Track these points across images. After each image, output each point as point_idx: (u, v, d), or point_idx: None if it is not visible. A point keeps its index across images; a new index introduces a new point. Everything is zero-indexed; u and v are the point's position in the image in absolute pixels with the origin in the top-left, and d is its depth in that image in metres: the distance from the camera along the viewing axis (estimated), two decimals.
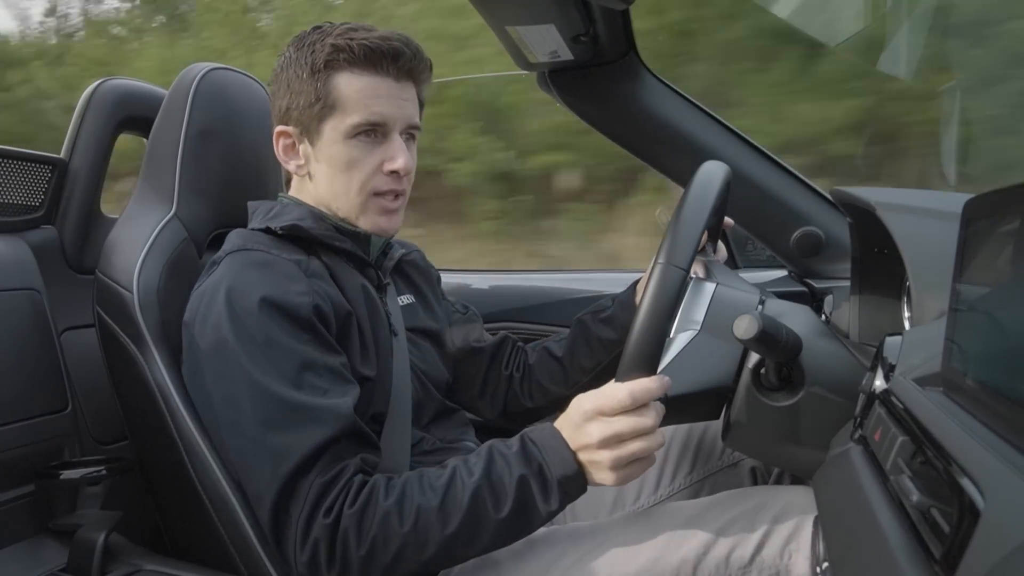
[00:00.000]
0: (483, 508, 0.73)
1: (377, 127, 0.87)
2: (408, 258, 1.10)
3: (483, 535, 0.74)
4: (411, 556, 0.74)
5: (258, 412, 0.77)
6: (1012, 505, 0.35)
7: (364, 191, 0.89)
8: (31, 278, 1.07)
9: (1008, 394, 0.42)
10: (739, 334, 0.66)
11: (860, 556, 0.49)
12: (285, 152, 0.93)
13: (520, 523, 0.75)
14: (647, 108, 1.28)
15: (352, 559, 0.73)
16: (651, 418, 0.71)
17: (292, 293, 0.81)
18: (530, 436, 0.76)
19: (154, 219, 0.96)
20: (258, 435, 0.77)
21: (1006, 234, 0.45)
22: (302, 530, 0.74)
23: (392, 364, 0.92)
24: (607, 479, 0.73)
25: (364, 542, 0.73)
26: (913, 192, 0.83)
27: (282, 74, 0.90)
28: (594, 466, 0.73)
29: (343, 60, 0.85)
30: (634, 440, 0.71)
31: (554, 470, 0.73)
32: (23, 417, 0.98)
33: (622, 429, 0.70)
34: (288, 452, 0.75)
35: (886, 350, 0.65)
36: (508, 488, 0.73)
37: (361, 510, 0.74)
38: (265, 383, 0.77)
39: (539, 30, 1.11)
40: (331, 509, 0.74)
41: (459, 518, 0.73)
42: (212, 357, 0.80)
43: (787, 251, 1.32)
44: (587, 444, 0.72)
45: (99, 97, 1.22)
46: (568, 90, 1.31)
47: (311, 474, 0.75)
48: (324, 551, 0.73)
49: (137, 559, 0.90)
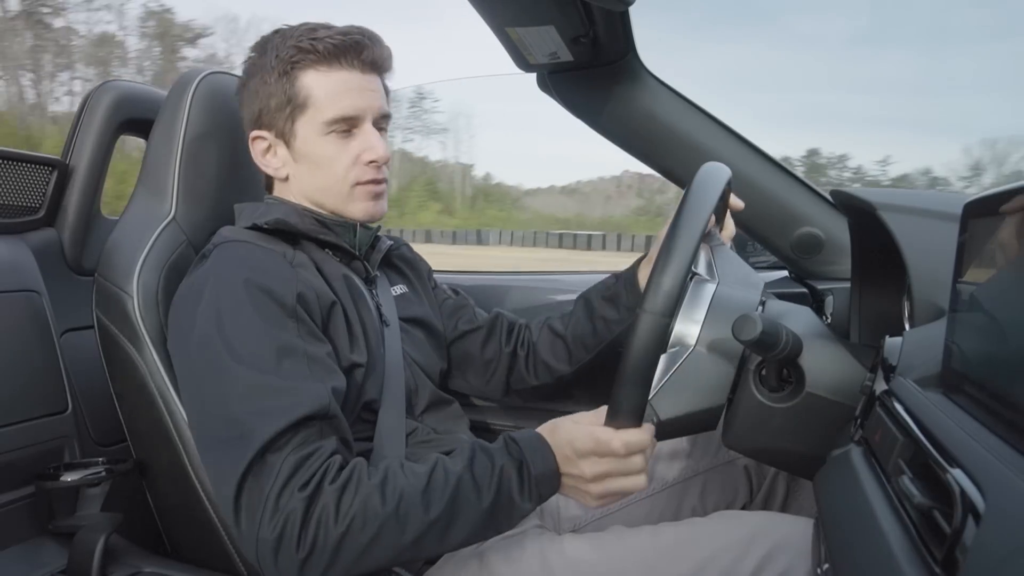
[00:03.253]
0: (465, 495, 0.73)
1: (350, 120, 0.90)
2: (397, 251, 1.12)
3: (462, 524, 0.74)
4: (388, 540, 0.72)
5: (234, 388, 0.75)
6: (1013, 507, 0.35)
7: (347, 182, 0.92)
8: (31, 280, 1.08)
9: (1009, 395, 0.42)
10: (740, 335, 0.66)
11: (860, 557, 0.49)
12: (262, 156, 0.94)
13: (499, 516, 0.75)
14: (647, 109, 1.28)
15: (328, 536, 0.70)
16: (640, 462, 0.74)
17: (277, 280, 0.81)
18: (512, 436, 0.78)
19: (153, 222, 0.96)
20: (231, 411, 0.75)
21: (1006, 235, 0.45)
22: (272, 503, 0.71)
23: (384, 352, 0.93)
24: (589, 503, 0.77)
25: (343, 519, 0.70)
26: (913, 193, 0.83)
27: (249, 81, 0.92)
28: (579, 493, 0.77)
29: (309, 60, 0.88)
30: (621, 478, 0.75)
31: (534, 468, 0.75)
32: (23, 418, 0.98)
33: (612, 469, 0.74)
34: (261, 426, 0.73)
35: (886, 351, 0.65)
36: (490, 478, 0.74)
37: (343, 487, 0.72)
38: (243, 366, 0.76)
39: (539, 31, 1.11)
40: (308, 483, 0.71)
41: (442, 504, 0.72)
42: (194, 340, 0.80)
43: (787, 252, 1.32)
44: (577, 476, 0.76)
45: (99, 99, 1.22)
46: (568, 91, 1.31)
47: (285, 449, 0.72)
48: (296, 525, 0.70)
49: (137, 561, 0.91)
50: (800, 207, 1.30)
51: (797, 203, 1.30)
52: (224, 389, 0.76)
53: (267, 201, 0.97)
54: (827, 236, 1.29)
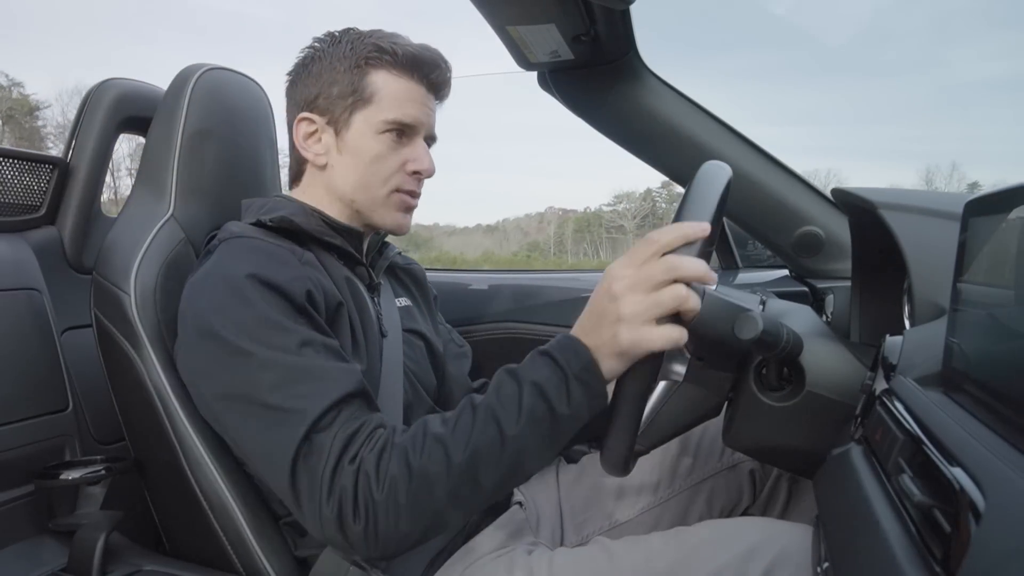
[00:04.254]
0: (498, 422, 0.69)
1: (406, 128, 0.91)
2: (408, 267, 1.11)
3: (500, 454, 0.69)
4: (439, 492, 0.68)
5: (267, 380, 0.73)
6: (1013, 505, 0.35)
7: (387, 185, 0.92)
8: (32, 278, 1.07)
9: (1009, 394, 0.42)
10: (741, 334, 0.66)
11: (860, 556, 0.49)
12: (304, 139, 0.93)
13: (541, 431, 0.69)
14: (648, 107, 1.28)
15: (377, 504, 0.69)
16: (683, 290, 0.65)
17: (285, 277, 0.80)
18: (538, 349, 0.72)
19: (151, 220, 0.96)
20: (272, 402, 0.73)
21: (1007, 234, 0.45)
22: (328, 482, 0.70)
23: (381, 363, 0.91)
24: (640, 337, 0.65)
25: (383, 482, 0.69)
26: (914, 192, 0.83)
27: (311, 65, 0.92)
28: (625, 325, 0.66)
29: (386, 60, 0.90)
30: (669, 287, 0.65)
31: (570, 366, 0.68)
32: (24, 417, 0.98)
33: (653, 272, 0.65)
34: (306, 409, 0.72)
35: (887, 350, 0.65)
36: (521, 395, 0.69)
37: (379, 451, 0.71)
38: (269, 355, 0.74)
39: (540, 30, 1.11)
40: (355, 456, 0.71)
41: (475, 439, 0.69)
42: (211, 342, 0.78)
43: (788, 251, 1.32)
44: (617, 296, 0.66)
45: (99, 97, 1.22)
46: (568, 90, 1.31)
47: (333, 427, 0.72)
48: (350, 500, 0.69)
49: (137, 559, 0.91)
50: (801, 206, 1.30)
51: (798, 202, 1.30)
52: (254, 381, 0.74)
53: (275, 198, 0.96)
54: (828, 235, 1.29)
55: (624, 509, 1.04)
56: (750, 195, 1.28)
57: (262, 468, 0.77)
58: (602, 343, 0.68)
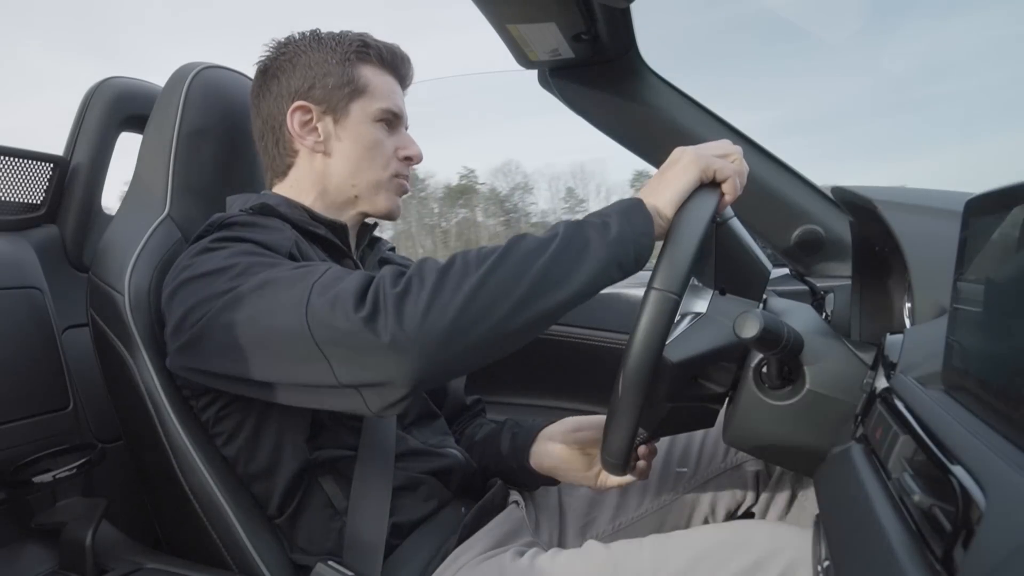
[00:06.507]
0: (535, 246, 0.70)
1: (396, 117, 0.97)
2: (400, 261, 1.11)
3: (535, 253, 0.69)
4: (471, 275, 0.67)
5: (251, 281, 0.73)
6: (1014, 504, 0.35)
7: (388, 170, 0.96)
8: (33, 276, 1.07)
9: (1010, 392, 0.42)
10: (741, 332, 0.66)
11: (861, 555, 0.49)
12: (300, 127, 0.94)
13: (577, 242, 0.71)
14: (648, 106, 1.28)
15: (411, 283, 0.67)
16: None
17: (269, 238, 0.82)
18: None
19: (147, 220, 0.95)
20: (266, 278, 0.72)
21: (1007, 233, 0.45)
22: (353, 293, 0.67)
23: None
24: (707, 165, 0.76)
25: (427, 283, 0.66)
26: (914, 190, 0.83)
27: (299, 58, 0.94)
28: (689, 155, 0.78)
29: (370, 55, 0.95)
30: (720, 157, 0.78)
31: (611, 207, 0.76)
32: (24, 415, 0.98)
33: (711, 149, 0.79)
34: (306, 275, 0.71)
35: (887, 348, 0.65)
36: (557, 230, 0.72)
37: (396, 274, 0.69)
38: (249, 260, 0.75)
39: (540, 28, 1.11)
40: (372, 278, 0.69)
41: (504, 247, 0.69)
42: (187, 285, 0.77)
43: (788, 249, 1.32)
44: (675, 159, 0.79)
45: (100, 95, 1.22)
46: (569, 88, 1.31)
47: (330, 290, 0.69)
48: (377, 294, 0.67)
49: (137, 556, 0.91)
50: (801, 204, 1.30)
51: (798, 200, 1.30)
52: (238, 282, 0.73)
53: (260, 193, 0.97)
54: (828, 233, 1.29)
55: (627, 510, 1.04)
56: (751, 193, 1.28)
57: (279, 340, 0.70)
58: (656, 189, 0.77)
